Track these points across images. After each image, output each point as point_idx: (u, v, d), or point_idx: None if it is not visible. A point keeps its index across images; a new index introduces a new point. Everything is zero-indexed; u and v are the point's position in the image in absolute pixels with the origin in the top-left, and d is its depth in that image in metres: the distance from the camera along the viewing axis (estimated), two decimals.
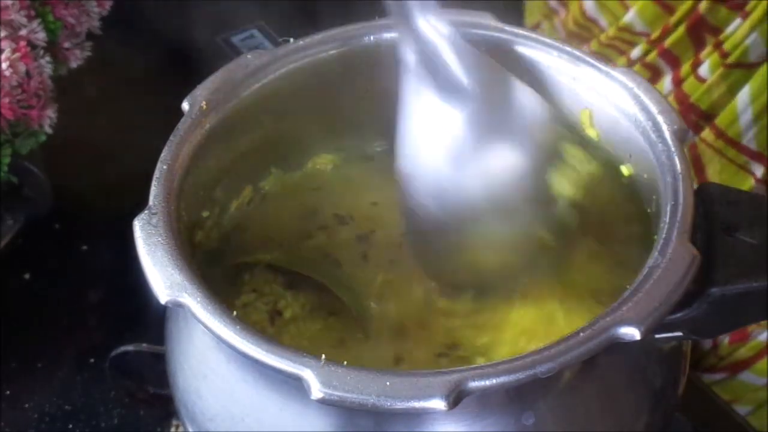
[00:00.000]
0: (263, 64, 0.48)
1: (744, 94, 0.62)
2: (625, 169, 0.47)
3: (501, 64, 0.49)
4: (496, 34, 0.49)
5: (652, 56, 0.69)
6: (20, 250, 0.66)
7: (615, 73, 0.46)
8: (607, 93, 0.46)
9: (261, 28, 0.85)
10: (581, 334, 0.36)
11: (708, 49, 0.65)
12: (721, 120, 0.63)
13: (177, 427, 0.58)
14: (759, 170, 0.63)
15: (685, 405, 0.46)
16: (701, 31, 0.66)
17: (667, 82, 0.68)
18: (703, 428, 0.55)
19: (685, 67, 0.66)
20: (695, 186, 0.42)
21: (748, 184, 0.63)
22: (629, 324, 0.36)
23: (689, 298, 0.39)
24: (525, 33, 0.49)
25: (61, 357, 0.63)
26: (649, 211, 0.46)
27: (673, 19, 0.67)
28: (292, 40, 0.49)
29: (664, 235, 0.39)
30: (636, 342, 0.36)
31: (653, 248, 0.39)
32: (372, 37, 0.50)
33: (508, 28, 0.49)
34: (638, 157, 0.45)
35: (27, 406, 0.60)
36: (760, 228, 0.41)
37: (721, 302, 0.39)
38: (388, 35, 0.50)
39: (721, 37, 0.63)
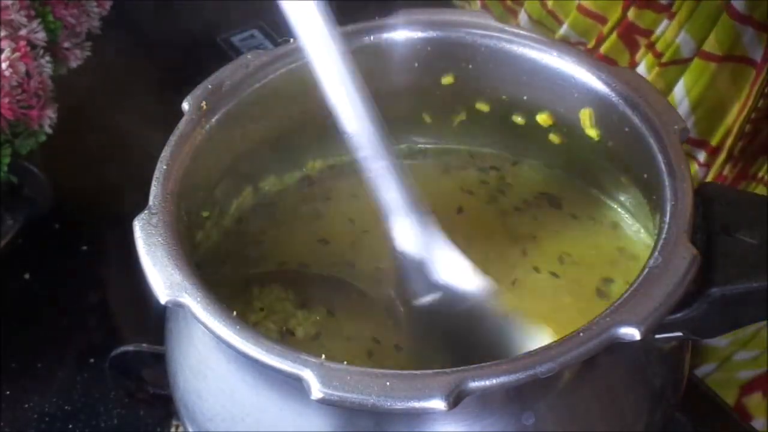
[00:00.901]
0: (263, 64, 0.48)
1: (679, 87, 0.64)
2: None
3: (501, 64, 0.49)
4: (497, 35, 0.49)
5: None
6: (20, 250, 0.66)
7: (615, 73, 0.46)
8: (607, 93, 0.46)
9: (261, 28, 0.85)
10: (581, 334, 0.36)
11: (642, 50, 0.67)
12: None
13: (177, 427, 0.58)
14: (701, 155, 0.65)
15: (685, 405, 0.46)
16: (632, 35, 0.68)
17: None
18: (703, 428, 0.55)
19: None
20: (695, 186, 0.42)
21: (692, 169, 0.65)
22: (629, 324, 0.36)
23: (689, 298, 0.39)
24: (525, 33, 0.49)
25: (61, 357, 0.63)
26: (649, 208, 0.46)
27: (606, 28, 0.69)
28: (292, 40, 0.49)
29: (664, 235, 0.39)
30: (636, 342, 0.36)
31: (653, 248, 0.39)
32: (372, 37, 0.50)
33: (508, 28, 0.49)
34: (638, 157, 0.45)
35: (27, 406, 0.60)
36: (760, 228, 0.41)
37: (721, 302, 0.39)
38: (387, 35, 0.50)
39: (653, 38, 0.66)
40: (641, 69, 0.66)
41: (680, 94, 0.64)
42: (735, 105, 0.63)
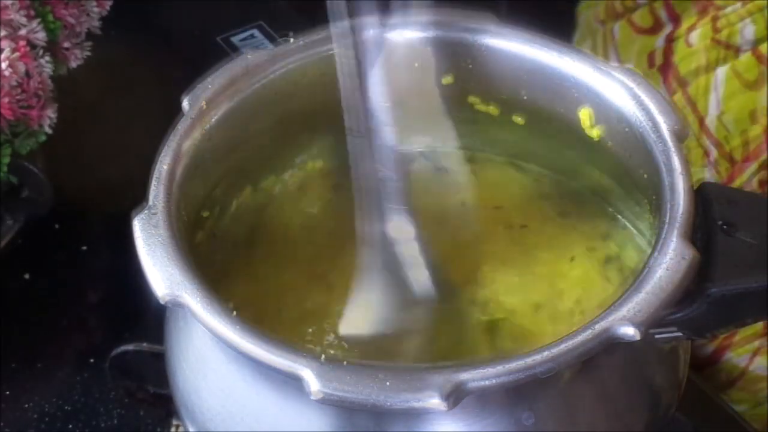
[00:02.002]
0: (263, 63, 0.48)
1: (721, 71, 0.64)
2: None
3: (501, 64, 0.49)
4: (497, 35, 0.49)
5: (659, 4, 0.71)
6: (20, 250, 0.66)
7: (615, 73, 0.46)
8: (607, 93, 0.46)
9: (261, 28, 0.85)
10: (581, 333, 0.36)
11: (706, 18, 0.67)
12: (693, 89, 0.65)
13: (177, 427, 0.58)
14: (713, 153, 0.65)
15: (685, 405, 0.46)
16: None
17: (661, 37, 0.70)
18: (703, 428, 0.55)
19: (682, 28, 0.68)
20: (695, 186, 0.42)
21: (698, 164, 0.65)
22: (629, 324, 0.36)
23: (689, 298, 0.39)
24: (526, 33, 0.49)
25: (61, 357, 0.63)
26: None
27: None
28: (291, 37, 0.49)
29: (663, 235, 0.39)
30: (635, 342, 0.36)
31: (653, 248, 0.39)
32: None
33: (508, 28, 0.49)
34: (638, 156, 0.45)
35: (27, 406, 0.60)
36: (760, 228, 0.41)
37: (720, 302, 0.39)
38: (387, 35, 0.50)
39: (720, 13, 0.65)
40: (695, 35, 0.66)
41: (720, 78, 0.64)
42: (763, 120, 0.63)
